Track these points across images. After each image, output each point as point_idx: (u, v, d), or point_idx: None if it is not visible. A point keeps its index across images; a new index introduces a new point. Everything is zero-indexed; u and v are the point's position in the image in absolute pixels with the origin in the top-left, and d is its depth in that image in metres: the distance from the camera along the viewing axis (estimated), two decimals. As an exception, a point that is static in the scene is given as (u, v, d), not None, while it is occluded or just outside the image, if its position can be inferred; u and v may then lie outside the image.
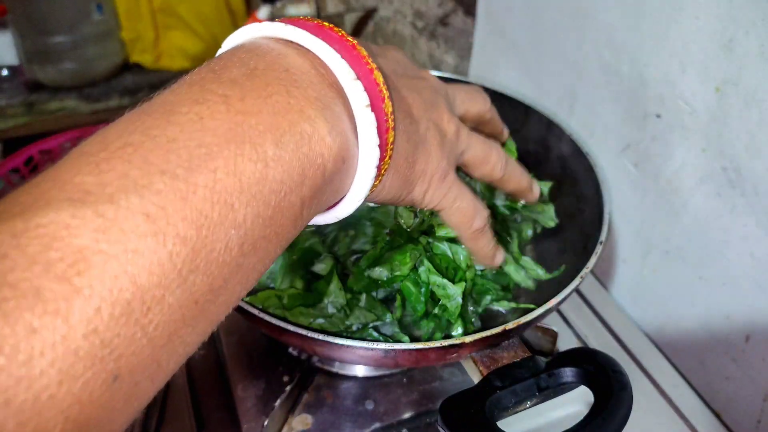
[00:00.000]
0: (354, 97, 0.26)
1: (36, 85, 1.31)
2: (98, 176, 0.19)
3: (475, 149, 0.38)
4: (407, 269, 0.45)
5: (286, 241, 0.24)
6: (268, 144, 0.22)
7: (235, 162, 0.21)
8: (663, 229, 0.55)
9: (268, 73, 0.24)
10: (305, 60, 0.25)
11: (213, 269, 0.20)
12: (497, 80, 0.73)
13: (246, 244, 0.21)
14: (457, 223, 0.39)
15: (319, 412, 0.48)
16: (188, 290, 0.19)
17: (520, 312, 0.41)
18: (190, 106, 0.21)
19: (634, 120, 0.55)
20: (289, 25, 0.26)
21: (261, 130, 0.22)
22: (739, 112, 0.45)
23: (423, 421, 0.49)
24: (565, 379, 0.38)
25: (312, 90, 0.24)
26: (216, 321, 0.22)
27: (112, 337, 0.17)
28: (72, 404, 0.16)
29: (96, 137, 0.21)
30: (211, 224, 0.20)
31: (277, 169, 0.22)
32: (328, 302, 0.44)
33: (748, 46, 0.43)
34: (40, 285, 0.16)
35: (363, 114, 0.26)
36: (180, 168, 0.20)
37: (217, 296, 0.21)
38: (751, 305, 0.48)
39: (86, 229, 0.17)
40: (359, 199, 0.28)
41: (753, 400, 0.50)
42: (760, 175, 0.45)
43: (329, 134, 0.24)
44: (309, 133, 0.23)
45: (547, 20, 0.63)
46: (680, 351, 0.56)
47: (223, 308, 0.22)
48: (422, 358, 0.39)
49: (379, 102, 0.27)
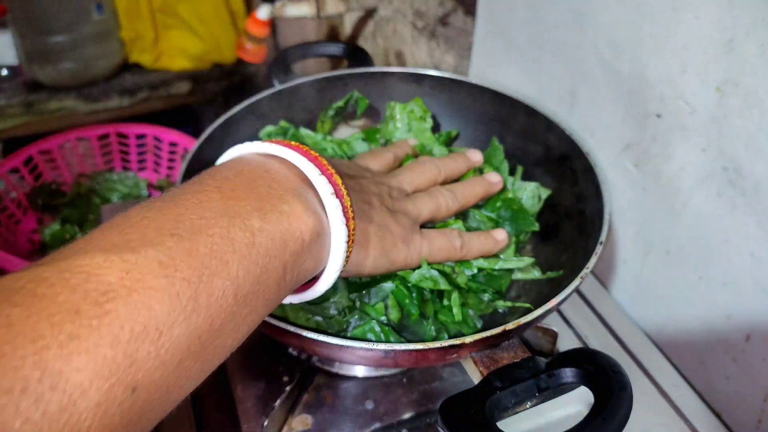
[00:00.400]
0: (321, 188, 0.33)
1: (35, 85, 1.31)
2: (123, 237, 0.25)
3: (427, 209, 0.46)
4: None
5: (271, 302, 0.30)
6: (255, 219, 0.28)
7: (228, 230, 0.27)
8: (663, 229, 0.55)
9: (252, 172, 0.32)
10: (282, 165, 0.33)
11: (212, 311, 0.25)
12: (497, 80, 0.73)
13: (239, 295, 0.27)
14: (446, 259, 0.46)
15: (319, 413, 0.48)
16: (192, 325, 0.24)
17: (520, 312, 0.41)
18: (192, 194, 0.29)
19: (635, 120, 0.55)
20: (266, 143, 0.34)
21: (248, 209, 0.29)
22: (739, 112, 0.45)
23: (423, 421, 0.49)
24: (565, 380, 0.38)
25: (288, 183, 0.32)
26: (213, 362, 0.27)
27: (132, 351, 0.22)
28: (99, 404, 0.21)
29: (119, 215, 0.27)
30: (209, 273, 0.25)
31: (262, 237, 0.28)
32: (332, 302, 0.44)
33: (748, 46, 0.43)
34: (80, 306, 0.21)
35: (329, 200, 0.33)
36: (186, 232, 0.26)
37: (216, 337, 0.26)
38: (751, 305, 0.48)
39: (114, 269, 0.23)
40: (336, 269, 0.34)
41: (753, 400, 0.50)
42: (760, 175, 0.45)
43: (304, 213, 0.31)
44: (287, 211, 0.30)
45: (548, 20, 0.62)
46: (680, 351, 0.56)
47: (219, 350, 0.27)
48: (422, 358, 0.39)
49: (340, 195, 0.34)
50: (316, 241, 0.32)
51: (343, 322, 0.44)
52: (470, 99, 0.63)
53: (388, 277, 0.45)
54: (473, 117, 0.63)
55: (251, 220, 0.28)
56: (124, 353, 0.22)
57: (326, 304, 0.44)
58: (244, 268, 0.27)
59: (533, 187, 0.55)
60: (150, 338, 0.23)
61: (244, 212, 0.28)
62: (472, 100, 0.63)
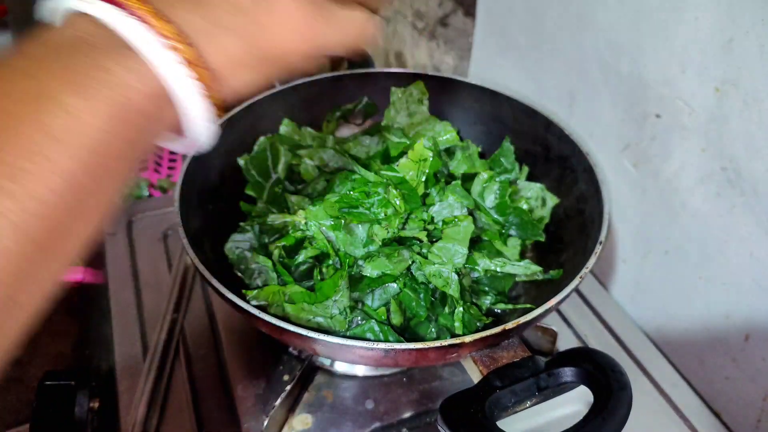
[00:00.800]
0: (127, 34, 0.27)
1: (36, 86, 1.31)
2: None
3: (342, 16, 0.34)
4: (399, 270, 0.46)
5: (119, 175, 0.27)
6: (72, 97, 0.24)
7: (39, 117, 0.24)
8: (662, 228, 0.56)
9: (62, 44, 0.27)
10: (97, 28, 0.27)
11: (48, 211, 0.23)
12: (497, 80, 0.74)
13: (75, 186, 0.24)
14: (355, 42, 0.36)
15: (320, 412, 0.48)
16: (25, 235, 0.23)
17: (519, 312, 0.41)
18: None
19: (634, 120, 0.55)
20: None
21: (61, 87, 0.25)
22: (738, 112, 0.45)
23: (423, 420, 0.49)
24: (565, 379, 0.38)
25: (106, 47, 0.27)
26: (74, 252, 0.26)
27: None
28: None
29: None
30: (32, 178, 0.23)
31: (85, 115, 0.25)
32: (334, 301, 0.44)
33: (747, 46, 0.43)
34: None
35: (144, 44, 0.27)
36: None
37: (61, 236, 0.24)
38: (750, 305, 0.49)
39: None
40: (200, 114, 0.29)
41: (753, 399, 0.50)
42: (759, 176, 0.45)
43: (128, 74, 0.26)
44: (106, 79, 0.26)
45: (547, 21, 0.63)
46: (680, 350, 0.57)
47: (75, 242, 0.26)
48: (422, 357, 0.39)
49: (153, 25, 0.28)
50: (157, 100, 0.28)
51: (344, 323, 0.44)
52: (470, 99, 0.63)
53: (392, 277, 0.45)
54: (473, 117, 0.63)
55: (65, 98, 0.24)
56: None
57: (328, 302, 0.44)
58: (72, 155, 0.24)
59: (538, 188, 0.56)
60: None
61: (55, 92, 0.25)
62: (471, 101, 0.63)
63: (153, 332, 0.54)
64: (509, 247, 0.52)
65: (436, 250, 0.47)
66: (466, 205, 0.50)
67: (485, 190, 0.53)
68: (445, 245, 0.47)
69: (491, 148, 0.61)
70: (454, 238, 0.48)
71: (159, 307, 0.57)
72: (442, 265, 0.46)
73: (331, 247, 0.48)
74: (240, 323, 0.55)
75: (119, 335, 0.55)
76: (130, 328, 0.56)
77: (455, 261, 0.47)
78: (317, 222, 0.48)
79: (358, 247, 0.47)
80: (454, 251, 0.47)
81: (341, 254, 0.47)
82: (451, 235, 0.48)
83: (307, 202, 0.51)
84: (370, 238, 0.47)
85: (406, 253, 0.47)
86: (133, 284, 0.60)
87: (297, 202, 0.52)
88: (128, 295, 0.59)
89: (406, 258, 0.46)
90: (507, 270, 0.49)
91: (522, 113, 0.59)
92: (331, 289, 0.44)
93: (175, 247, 0.64)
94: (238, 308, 0.40)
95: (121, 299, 0.59)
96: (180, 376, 0.52)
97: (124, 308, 0.58)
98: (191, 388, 0.51)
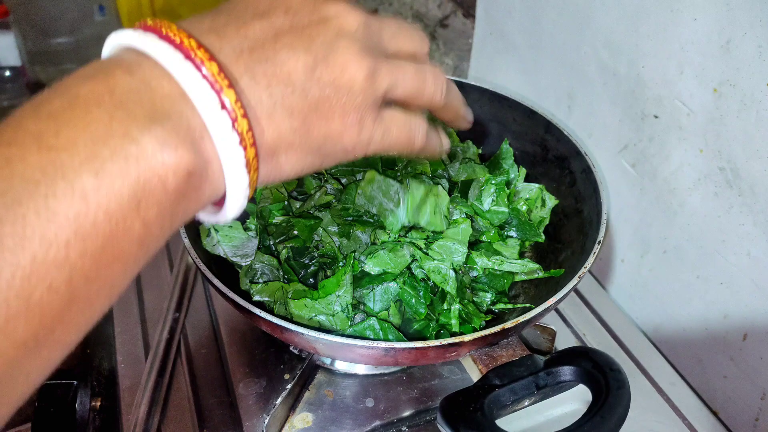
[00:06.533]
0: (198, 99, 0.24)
1: (38, 86, 1.32)
2: None
3: (405, 83, 0.32)
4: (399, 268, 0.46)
5: (137, 260, 0.24)
6: (85, 177, 0.21)
7: (47, 202, 0.20)
8: (661, 228, 0.56)
9: (89, 99, 0.23)
10: (133, 77, 0.24)
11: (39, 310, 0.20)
12: (496, 81, 0.74)
13: (76, 278, 0.21)
14: (401, 150, 0.34)
15: (320, 410, 0.49)
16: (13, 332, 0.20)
17: (518, 311, 0.41)
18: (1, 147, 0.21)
19: (632, 121, 0.55)
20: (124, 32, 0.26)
21: (76, 163, 0.21)
22: (736, 113, 0.45)
23: (423, 418, 0.49)
24: (564, 378, 0.38)
25: (140, 108, 0.23)
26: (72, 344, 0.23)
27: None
28: None
29: None
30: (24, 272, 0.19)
31: (99, 199, 0.21)
32: (337, 297, 0.44)
33: (745, 47, 0.43)
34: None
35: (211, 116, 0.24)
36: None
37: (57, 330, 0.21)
38: (748, 304, 0.49)
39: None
40: (240, 197, 0.27)
41: (751, 398, 0.50)
42: (757, 176, 0.45)
43: (162, 150, 0.23)
44: (135, 154, 0.22)
45: (546, 22, 0.63)
46: (678, 350, 0.57)
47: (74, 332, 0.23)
48: (422, 356, 0.39)
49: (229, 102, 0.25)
50: (191, 177, 0.24)
51: (346, 321, 0.44)
52: (469, 100, 0.62)
53: (393, 275, 0.46)
54: (472, 118, 0.63)
55: (80, 180, 0.21)
56: None
57: (330, 298, 0.44)
58: (78, 247, 0.21)
59: (537, 189, 0.56)
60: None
61: (70, 170, 0.21)
62: (471, 102, 0.62)
63: (154, 331, 0.55)
64: (508, 247, 0.52)
65: (436, 247, 0.48)
66: (465, 212, 0.52)
67: (483, 194, 0.54)
68: (445, 243, 0.48)
69: (490, 148, 0.61)
70: (454, 238, 0.48)
71: (160, 307, 0.57)
72: (441, 262, 0.47)
73: (338, 250, 0.48)
74: (241, 322, 0.55)
75: (121, 334, 0.56)
76: (132, 327, 0.56)
77: (455, 259, 0.47)
78: (324, 228, 0.49)
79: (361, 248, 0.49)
80: (454, 249, 0.48)
81: (349, 256, 0.48)
82: (451, 235, 0.49)
83: None
84: (373, 243, 0.48)
85: (406, 250, 0.47)
86: (134, 283, 0.60)
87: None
88: (130, 294, 0.59)
89: (407, 255, 0.47)
90: (505, 268, 0.50)
91: (521, 114, 0.59)
92: (334, 285, 0.44)
93: (176, 246, 0.64)
94: (239, 307, 0.41)
95: (122, 298, 0.59)
96: (181, 375, 0.52)
97: (126, 307, 0.58)
98: (192, 386, 0.51)
